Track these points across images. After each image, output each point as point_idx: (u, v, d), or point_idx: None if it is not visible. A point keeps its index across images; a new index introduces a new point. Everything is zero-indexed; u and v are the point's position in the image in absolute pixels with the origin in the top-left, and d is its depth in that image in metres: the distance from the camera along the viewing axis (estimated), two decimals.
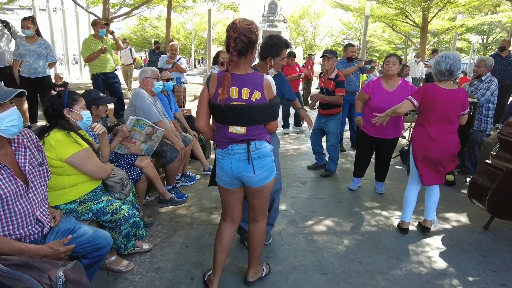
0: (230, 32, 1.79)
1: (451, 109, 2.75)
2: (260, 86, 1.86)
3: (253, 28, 1.81)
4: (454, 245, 2.96)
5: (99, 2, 11.04)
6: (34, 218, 1.65)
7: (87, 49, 5.03)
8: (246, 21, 1.83)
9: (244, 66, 1.88)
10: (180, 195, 3.54)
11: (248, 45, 1.81)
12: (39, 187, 1.69)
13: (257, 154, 1.93)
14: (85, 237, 1.80)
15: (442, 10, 13.03)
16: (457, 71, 2.74)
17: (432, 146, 2.81)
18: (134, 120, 2.96)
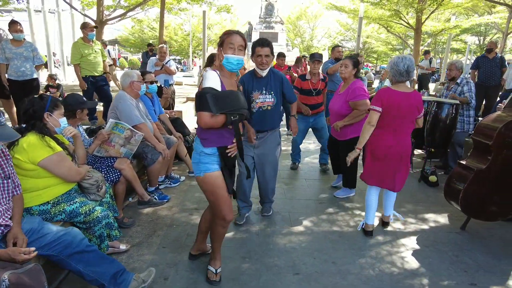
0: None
1: (408, 112, 2.81)
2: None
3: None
4: (429, 245, 3.00)
5: (93, 5, 11.09)
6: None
7: (76, 53, 5.07)
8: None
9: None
10: (162, 197, 3.58)
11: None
12: (1, 199, 1.73)
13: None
14: (49, 236, 1.85)
15: (436, 11, 13.09)
16: (413, 71, 2.87)
17: (389, 150, 2.87)
18: (113, 124, 3.00)
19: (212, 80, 2.07)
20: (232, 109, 2.06)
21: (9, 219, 1.77)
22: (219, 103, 2.03)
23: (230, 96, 2.08)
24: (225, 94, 2.09)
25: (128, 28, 34.11)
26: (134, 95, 3.47)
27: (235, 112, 2.05)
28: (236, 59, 2.08)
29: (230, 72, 2.16)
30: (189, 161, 4.37)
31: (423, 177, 4.56)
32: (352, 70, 3.55)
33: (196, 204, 3.62)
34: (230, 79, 2.19)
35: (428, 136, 4.52)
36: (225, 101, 2.06)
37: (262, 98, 3.02)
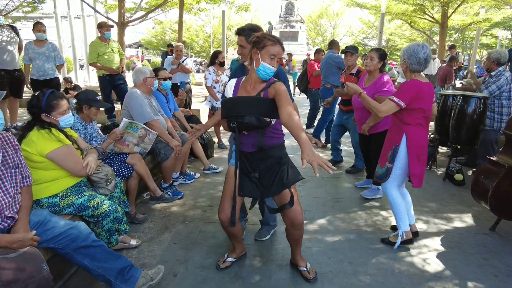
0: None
1: (431, 103, 2.65)
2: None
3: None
4: (454, 247, 2.81)
5: (115, 8, 11.35)
6: (3, 216, 1.69)
7: (92, 52, 5.17)
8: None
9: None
10: (176, 193, 3.55)
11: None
12: (9, 189, 1.72)
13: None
14: (56, 230, 1.83)
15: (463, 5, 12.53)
16: (429, 61, 2.66)
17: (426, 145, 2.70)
18: (127, 123, 2.99)
19: (227, 89, 2.17)
20: (229, 115, 2.02)
21: (16, 212, 1.76)
22: (222, 109, 2.10)
23: (232, 101, 2.06)
24: (230, 100, 2.09)
25: (151, 31, 34.87)
26: (148, 91, 3.47)
27: (233, 118, 1.99)
28: (272, 71, 1.97)
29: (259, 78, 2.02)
30: (204, 158, 4.34)
31: (448, 175, 4.32)
32: (378, 63, 3.36)
33: (210, 201, 3.57)
34: (252, 83, 2.06)
35: (454, 132, 4.27)
36: (226, 106, 2.07)
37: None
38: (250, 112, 1.95)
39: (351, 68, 4.38)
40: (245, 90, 2.07)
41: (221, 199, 2.26)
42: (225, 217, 2.19)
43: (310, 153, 1.72)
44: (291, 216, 2.14)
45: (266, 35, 1.98)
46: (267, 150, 2.09)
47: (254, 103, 1.98)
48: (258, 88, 2.03)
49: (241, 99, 2.03)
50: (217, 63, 5.23)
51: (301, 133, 1.81)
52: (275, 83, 2.00)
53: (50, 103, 2.17)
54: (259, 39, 1.96)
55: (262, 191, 2.13)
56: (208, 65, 5.34)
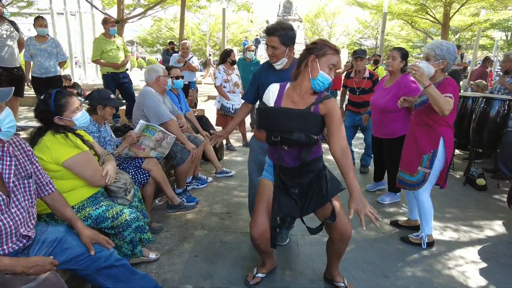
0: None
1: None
2: None
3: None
4: (491, 258, 2.65)
5: (113, 4, 11.06)
6: (18, 235, 1.48)
7: (96, 49, 4.92)
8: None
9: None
10: (190, 199, 3.35)
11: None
12: (22, 202, 1.51)
13: None
14: (76, 249, 1.63)
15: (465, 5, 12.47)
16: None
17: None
18: (143, 125, 2.78)
19: (268, 94, 1.92)
20: (272, 128, 1.82)
21: (32, 228, 1.55)
22: (261, 118, 1.88)
23: (278, 113, 1.81)
24: (273, 110, 1.85)
25: (146, 29, 34.41)
26: (161, 90, 3.26)
27: (277, 132, 1.79)
28: (329, 82, 1.77)
29: (312, 89, 1.81)
30: (216, 161, 4.14)
31: (469, 180, 4.18)
32: (400, 63, 3.19)
33: (226, 207, 3.37)
34: (301, 93, 1.83)
35: (475, 135, 4.13)
36: (267, 117, 1.86)
37: None
38: (299, 129, 1.75)
39: (362, 73, 4.33)
40: (291, 101, 1.85)
41: (254, 214, 2.03)
42: (258, 234, 1.97)
43: (359, 201, 1.66)
44: (341, 229, 1.94)
45: (326, 42, 1.79)
46: (309, 164, 1.90)
47: (305, 118, 1.77)
48: (308, 100, 1.82)
49: (290, 112, 1.79)
50: (229, 62, 5.02)
51: (351, 173, 1.73)
52: (328, 98, 1.80)
53: (59, 102, 1.95)
54: (318, 46, 1.77)
55: (301, 209, 1.95)
56: (218, 63, 5.13)
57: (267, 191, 2.02)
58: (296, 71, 1.86)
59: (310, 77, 1.78)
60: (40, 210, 1.83)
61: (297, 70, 1.85)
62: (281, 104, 1.86)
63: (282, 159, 1.91)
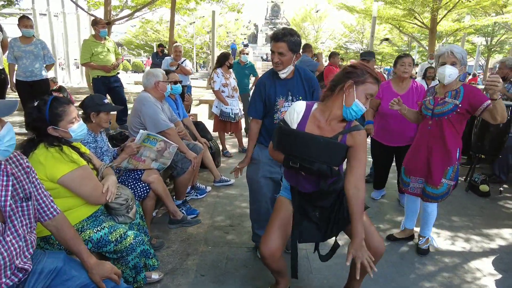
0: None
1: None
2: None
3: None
4: (508, 270, 2.57)
5: (100, 5, 10.73)
6: (13, 268, 1.28)
7: (86, 52, 4.66)
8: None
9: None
10: (191, 211, 3.17)
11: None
12: (19, 228, 1.30)
13: None
14: (78, 280, 1.42)
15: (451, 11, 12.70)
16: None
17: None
18: (144, 135, 2.57)
19: (292, 114, 1.72)
20: (292, 153, 1.66)
21: (30, 258, 1.35)
22: (281, 140, 1.70)
23: (301, 139, 1.63)
24: (293, 133, 1.66)
25: (132, 31, 33.88)
26: (159, 96, 3.06)
27: (296, 159, 1.64)
28: (363, 112, 1.61)
29: (343, 116, 1.65)
30: (215, 169, 3.96)
31: (471, 186, 4.13)
32: (412, 69, 3.18)
33: (229, 220, 3.19)
34: (329, 119, 1.67)
35: (477, 141, 4.10)
36: (288, 140, 1.67)
37: (288, 106, 2.31)
38: (322, 159, 1.60)
39: None
40: (317, 125, 1.68)
41: (267, 231, 1.89)
42: (269, 254, 1.82)
43: (358, 248, 1.60)
44: (375, 247, 1.78)
45: (368, 68, 1.62)
46: (329, 187, 1.75)
47: (330, 149, 1.61)
48: (336, 128, 1.66)
49: (315, 140, 1.61)
50: (226, 66, 4.85)
51: (359, 217, 1.63)
52: (357, 130, 1.64)
53: (55, 111, 1.74)
54: (359, 72, 1.59)
55: (324, 234, 1.83)
56: (215, 67, 4.94)
57: (283, 208, 1.90)
58: (328, 92, 1.67)
59: (343, 104, 1.61)
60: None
61: (328, 92, 1.67)
62: (305, 127, 1.68)
63: (300, 184, 1.78)
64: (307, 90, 2.33)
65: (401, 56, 3.33)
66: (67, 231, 1.49)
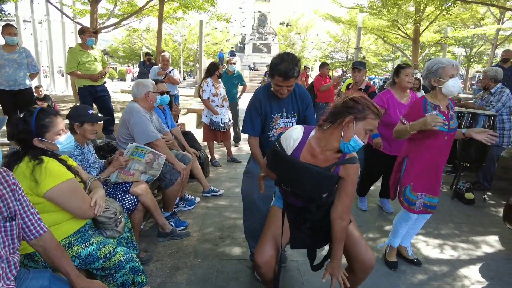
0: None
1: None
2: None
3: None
4: (495, 277, 2.61)
5: (86, 13, 10.62)
6: None
7: (72, 61, 4.58)
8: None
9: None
10: (179, 223, 3.11)
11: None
12: (1, 250, 1.24)
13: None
14: None
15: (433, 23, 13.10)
16: (423, 79, 2.50)
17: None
18: (132, 148, 2.53)
19: (288, 140, 1.70)
20: (286, 178, 1.69)
21: (13, 280, 1.29)
22: (275, 163, 1.72)
23: (295, 167, 1.62)
24: (287, 160, 1.65)
25: (118, 39, 33.66)
26: (149, 107, 3.03)
27: (287, 183, 1.68)
28: (360, 147, 1.60)
29: (338, 148, 1.63)
30: (204, 180, 3.92)
31: (457, 194, 4.21)
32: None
33: (219, 231, 3.15)
34: (324, 149, 1.64)
35: (462, 150, 4.19)
36: (282, 166, 1.68)
37: (282, 122, 2.29)
38: (312, 188, 1.63)
39: (359, 84, 4.30)
40: (311, 154, 1.66)
41: (261, 240, 1.90)
42: (264, 262, 1.82)
43: (336, 267, 1.74)
44: (363, 260, 1.81)
45: (369, 103, 1.57)
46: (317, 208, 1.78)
47: (322, 179, 1.61)
48: (330, 159, 1.65)
49: (308, 171, 1.60)
50: (216, 75, 4.85)
51: (340, 243, 1.73)
52: (352, 163, 1.63)
53: (41, 122, 1.70)
54: (360, 107, 1.55)
55: (315, 242, 1.86)
56: (205, 76, 4.93)
57: (276, 218, 1.90)
58: (326, 123, 1.63)
59: (341, 138, 1.59)
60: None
61: (327, 122, 1.63)
62: (300, 155, 1.67)
63: (290, 200, 1.80)
64: (300, 106, 2.32)
65: (403, 66, 3.30)
66: (54, 251, 1.43)
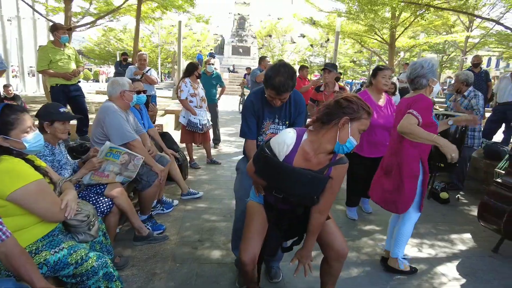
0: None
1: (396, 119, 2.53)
2: None
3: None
4: (470, 274, 2.68)
5: (60, 10, 10.24)
6: None
7: (43, 59, 4.38)
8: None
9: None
10: (157, 227, 3.01)
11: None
12: None
13: None
14: None
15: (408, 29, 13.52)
16: (418, 78, 2.36)
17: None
18: (106, 149, 2.42)
19: (281, 145, 1.63)
20: (276, 185, 1.67)
21: None
22: (265, 170, 1.68)
23: (285, 172, 1.60)
24: (280, 167, 1.61)
25: (93, 39, 32.72)
26: (124, 106, 2.92)
27: (280, 190, 1.67)
28: (353, 147, 1.59)
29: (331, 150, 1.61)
30: (182, 182, 3.82)
31: (432, 194, 4.32)
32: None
33: (198, 234, 3.07)
34: (316, 152, 1.61)
35: (437, 151, 4.29)
36: (274, 173, 1.64)
37: (273, 128, 2.28)
38: (307, 192, 1.62)
39: (332, 86, 4.30)
40: (305, 158, 1.63)
41: (245, 237, 1.86)
42: (249, 259, 1.79)
43: (304, 256, 1.82)
44: (338, 247, 1.84)
45: (363, 104, 1.57)
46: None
47: (316, 183, 1.61)
48: (323, 161, 1.64)
49: (302, 176, 1.58)
50: (195, 75, 4.75)
51: (314, 235, 1.79)
52: (343, 163, 1.64)
53: (7, 119, 1.60)
54: (355, 107, 1.55)
55: (289, 235, 1.91)
56: (183, 76, 4.82)
57: (257, 213, 1.88)
58: (319, 123, 1.61)
59: (336, 140, 1.56)
60: None
61: (319, 123, 1.61)
62: (293, 160, 1.62)
63: (280, 206, 1.79)
64: (293, 113, 2.27)
65: (381, 68, 3.30)
66: (17, 258, 1.33)
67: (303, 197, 1.65)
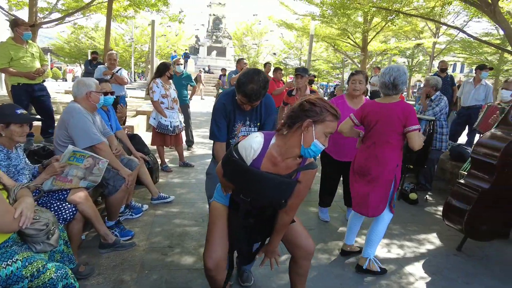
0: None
1: (389, 125, 2.50)
2: None
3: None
4: (436, 273, 2.76)
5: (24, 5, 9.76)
6: None
7: (4, 57, 4.12)
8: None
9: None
10: (125, 233, 2.90)
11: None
12: None
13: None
14: None
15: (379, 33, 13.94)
16: (401, 84, 2.49)
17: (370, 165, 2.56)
18: (69, 153, 2.29)
19: (248, 150, 1.60)
20: (244, 189, 1.66)
21: None
22: (233, 174, 1.65)
23: (253, 176, 1.58)
24: (248, 172, 1.58)
25: (63, 36, 31.51)
26: (91, 108, 2.80)
27: (247, 193, 1.65)
28: (321, 151, 1.56)
29: (299, 154, 1.59)
30: (152, 186, 3.71)
31: (402, 195, 4.44)
32: (365, 86, 3.26)
33: (168, 240, 2.98)
34: (284, 156, 1.59)
35: (406, 153, 4.42)
36: (242, 177, 1.62)
37: (245, 131, 2.27)
38: (275, 196, 1.62)
39: (304, 91, 4.34)
40: (272, 162, 1.60)
41: (208, 242, 1.82)
42: (214, 265, 1.75)
43: (270, 252, 1.85)
44: (305, 245, 1.87)
45: (327, 105, 1.54)
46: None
47: (284, 187, 1.59)
48: (291, 165, 1.62)
49: (270, 181, 1.57)
50: (167, 76, 4.64)
51: (279, 234, 1.80)
52: (312, 168, 1.63)
53: None
54: (317, 109, 1.52)
55: (255, 237, 1.86)
56: (154, 77, 4.70)
57: (220, 216, 1.84)
58: (284, 128, 1.59)
59: (301, 144, 1.55)
60: None
61: (285, 128, 1.59)
62: (260, 164, 1.60)
63: (247, 208, 1.74)
64: (263, 115, 2.28)
65: (352, 73, 3.35)
66: None
67: (270, 200, 1.64)
